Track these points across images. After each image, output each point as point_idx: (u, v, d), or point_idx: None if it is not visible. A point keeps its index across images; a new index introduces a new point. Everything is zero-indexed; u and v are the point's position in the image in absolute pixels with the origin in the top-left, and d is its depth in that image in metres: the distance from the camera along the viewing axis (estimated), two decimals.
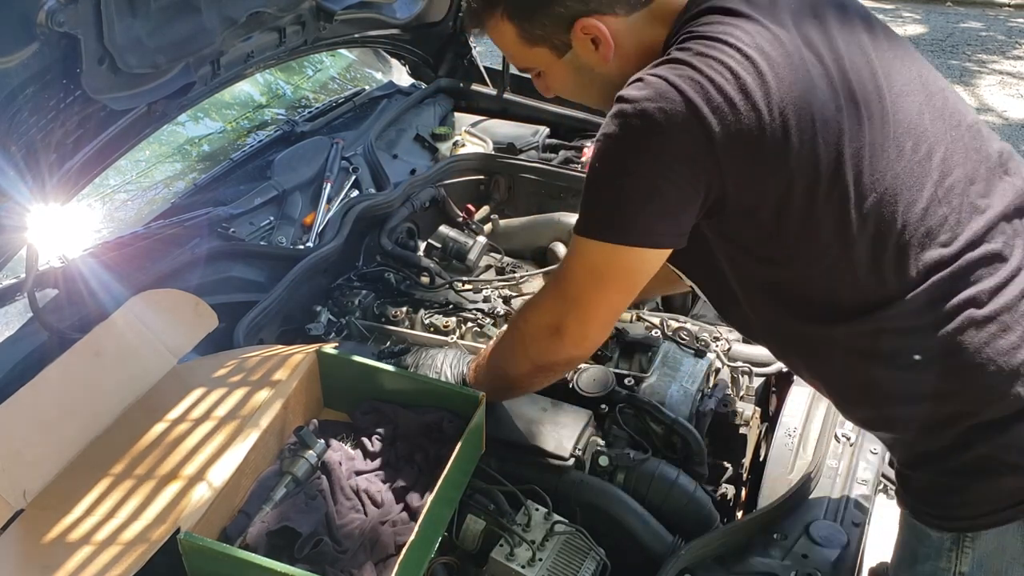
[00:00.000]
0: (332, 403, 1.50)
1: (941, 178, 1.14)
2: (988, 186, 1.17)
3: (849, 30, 1.19)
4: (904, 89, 1.18)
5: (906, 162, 1.13)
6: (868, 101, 1.13)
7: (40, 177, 1.45)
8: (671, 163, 1.09)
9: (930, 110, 1.18)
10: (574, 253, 1.23)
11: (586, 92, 1.33)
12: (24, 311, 1.60)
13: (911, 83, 1.19)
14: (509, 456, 1.49)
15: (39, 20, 1.26)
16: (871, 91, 1.14)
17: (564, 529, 1.35)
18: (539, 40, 1.24)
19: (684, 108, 1.06)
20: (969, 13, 7.62)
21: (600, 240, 1.17)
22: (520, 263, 2.19)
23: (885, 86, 1.16)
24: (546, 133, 2.61)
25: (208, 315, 1.60)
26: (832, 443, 1.60)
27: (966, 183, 1.16)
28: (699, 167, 1.09)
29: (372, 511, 1.32)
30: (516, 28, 1.24)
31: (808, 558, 1.36)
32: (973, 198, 1.15)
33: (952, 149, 1.17)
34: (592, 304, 1.24)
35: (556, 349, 1.29)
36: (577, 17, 1.20)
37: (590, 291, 1.23)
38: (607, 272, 1.20)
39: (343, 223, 2.05)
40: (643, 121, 1.08)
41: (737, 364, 1.81)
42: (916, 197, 1.12)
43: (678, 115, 1.06)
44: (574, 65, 1.26)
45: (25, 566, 1.21)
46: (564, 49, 1.24)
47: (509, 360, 1.41)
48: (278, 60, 2.20)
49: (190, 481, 1.23)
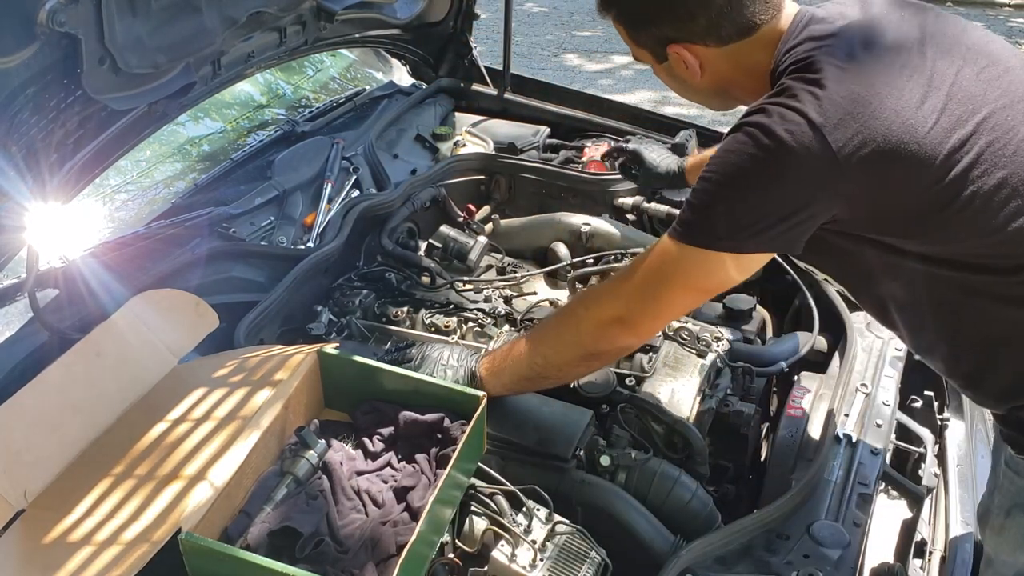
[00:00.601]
0: (333, 403, 1.50)
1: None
2: None
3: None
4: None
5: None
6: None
7: (40, 177, 1.45)
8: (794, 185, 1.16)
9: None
10: (668, 255, 1.27)
11: (687, 93, 1.44)
12: (24, 311, 1.60)
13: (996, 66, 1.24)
14: (510, 456, 1.49)
15: (40, 20, 1.26)
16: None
17: (565, 530, 1.35)
18: (643, 45, 1.38)
19: (809, 130, 1.12)
20: (969, 13, 7.61)
21: (704, 247, 1.22)
22: (521, 263, 2.19)
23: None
24: (547, 133, 2.61)
25: (209, 315, 1.60)
26: (833, 443, 1.60)
27: None
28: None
29: (373, 511, 1.31)
30: (625, 31, 1.38)
31: (809, 558, 1.36)
32: None
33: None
34: (669, 304, 1.33)
35: (614, 337, 1.37)
36: (670, 42, 1.32)
37: (674, 291, 1.30)
38: (700, 277, 1.28)
39: (344, 223, 2.05)
40: (770, 141, 1.14)
41: (738, 364, 1.81)
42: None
43: (805, 136, 1.13)
44: (671, 74, 1.39)
45: (26, 566, 1.20)
46: (662, 59, 1.37)
47: (558, 345, 1.44)
48: (279, 60, 2.20)
49: (191, 481, 1.23)
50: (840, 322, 1.92)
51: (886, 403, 1.73)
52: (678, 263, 1.26)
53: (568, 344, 1.42)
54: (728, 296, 2.04)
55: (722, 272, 1.26)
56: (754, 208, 1.17)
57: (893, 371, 1.81)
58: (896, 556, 1.75)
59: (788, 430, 1.69)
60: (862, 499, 1.49)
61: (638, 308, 1.33)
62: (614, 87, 6.11)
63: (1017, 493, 1.34)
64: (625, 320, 1.34)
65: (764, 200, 1.17)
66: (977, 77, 1.20)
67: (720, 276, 1.27)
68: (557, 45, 7.06)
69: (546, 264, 2.16)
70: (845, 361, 1.81)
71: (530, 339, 1.47)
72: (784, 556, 1.37)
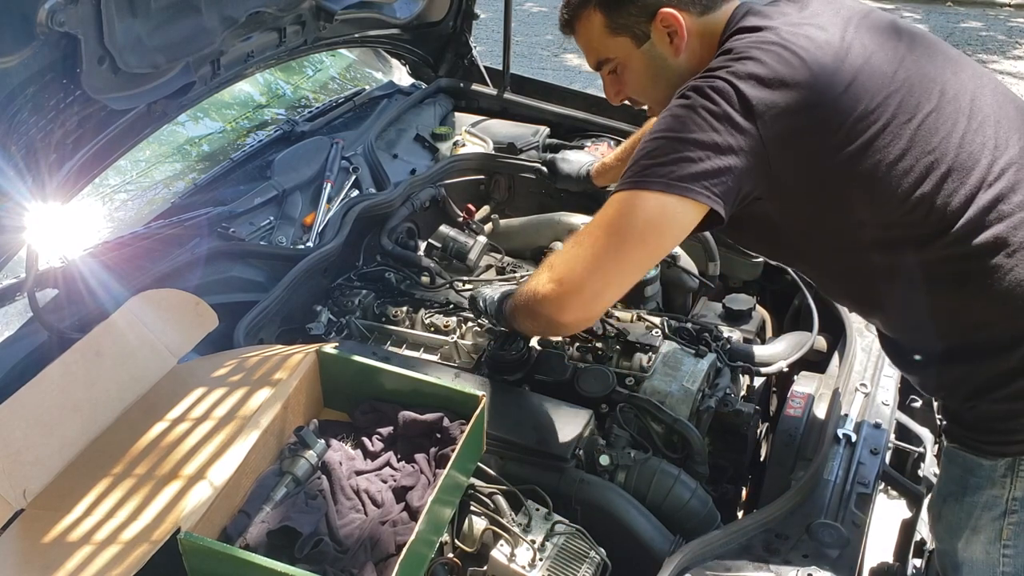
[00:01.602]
0: (332, 403, 1.50)
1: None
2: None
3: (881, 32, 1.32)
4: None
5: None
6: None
7: (40, 177, 1.45)
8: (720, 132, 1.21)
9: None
10: (623, 205, 1.26)
11: (654, 85, 1.45)
12: (24, 311, 1.60)
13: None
14: (509, 456, 1.49)
15: (39, 20, 1.26)
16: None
17: (565, 529, 1.35)
18: (622, 29, 1.40)
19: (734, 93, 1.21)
20: (969, 13, 7.62)
21: (654, 191, 1.22)
22: (520, 263, 2.19)
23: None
24: (546, 133, 2.61)
25: (208, 315, 1.60)
26: (833, 443, 1.60)
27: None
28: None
29: (372, 511, 1.32)
30: (604, 18, 1.40)
31: (809, 558, 1.36)
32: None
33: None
34: (616, 260, 1.28)
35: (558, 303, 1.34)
36: (660, 6, 1.36)
37: (628, 243, 1.26)
38: (660, 224, 1.24)
39: (343, 223, 2.05)
40: (702, 97, 1.22)
41: (737, 364, 1.81)
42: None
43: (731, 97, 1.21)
44: (650, 55, 1.41)
45: (25, 566, 1.20)
46: (643, 39, 1.40)
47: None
48: (278, 60, 2.20)
49: (190, 481, 1.23)
50: (839, 322, 1.92)
51: (885, 403, 1.73)
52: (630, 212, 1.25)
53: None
54: (728, 296, 2.04)
55: (674, 216, 1.23)
56: (686, 150, 1.21)
57: (892, 371, 1.80)
58: (895, 556, 1.75)
59: (787, 430, 1.69)
60: (861, 499, 1.49)
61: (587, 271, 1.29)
62: None
63: (950, 481, 1.39)
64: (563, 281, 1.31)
65: (696, 143, 1.21)
66: (891, 58, 1.27)
67: (672, 221, 1.24)
68: (557, 45, 7.06)
69: None
70: (844, 361, 1.81)
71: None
72: (783, 556, 1.37)
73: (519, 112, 2.73)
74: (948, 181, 1.22)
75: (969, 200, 1.21)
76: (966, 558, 1.38)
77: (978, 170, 1.23)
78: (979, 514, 1.34)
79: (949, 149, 1.23)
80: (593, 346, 1.77)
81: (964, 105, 1.27)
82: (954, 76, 1.30)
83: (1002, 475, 1.30)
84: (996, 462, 1.30)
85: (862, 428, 1.64)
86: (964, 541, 1.37)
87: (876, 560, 1.68)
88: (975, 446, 1.33)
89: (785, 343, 1.93)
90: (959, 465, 1.36)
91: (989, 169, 1.23)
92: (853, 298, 1.47)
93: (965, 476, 1.35)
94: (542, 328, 1.50)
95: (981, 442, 1.32)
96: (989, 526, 1.33)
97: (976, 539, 1.35)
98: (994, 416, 1.29)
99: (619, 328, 1.77)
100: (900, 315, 1.36)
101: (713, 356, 1.77)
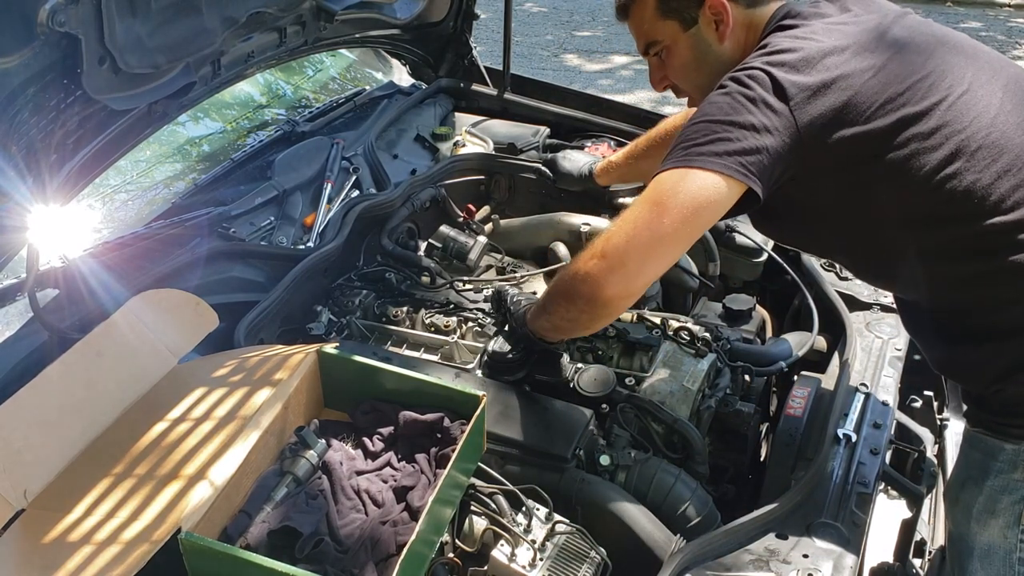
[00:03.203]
0: (333, 403, 1.50)
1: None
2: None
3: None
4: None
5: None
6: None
7: (40, 177, 1.45)
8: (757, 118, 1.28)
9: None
10: (664, 183, 1.30)
11: (697, 70, 1.49)
12: (24, 311, 1.60)
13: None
14: (510, 456, 1.49)
15: (40, 20, 1.26)
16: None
17: (565, 529, 1.35)
18: (672, 12, 1.45)
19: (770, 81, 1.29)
20: (969, 13, 7.62)
21: (694, 168, 1.27)
22: (520, 263, 2.20)
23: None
24: (546, 133, 2.61)
25: (209, 315, 1.60)
26: (833, 443, 1.60)
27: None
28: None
29: (373, 511, 1.32)
30: (656, 1, 1.46)
31: (809, 558, 1.36)
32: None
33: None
34: (660, 236, 1.30)
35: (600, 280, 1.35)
36: None
37: (673, 217, 1.29)
38: (699, 200, 1.28)
39: (343, 223, 2.05)
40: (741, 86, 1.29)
41: (737, 364, 1.81)
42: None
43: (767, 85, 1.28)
44: (696, 39, 1.46)
45: (26, 566, 1.21)
46: (691, 23, 1.45)
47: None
48: (279, 60, 2.20)
49: (191, 481, 1.23)
50: (839, 322, 1.92)
51: (885, 403, 1.73)
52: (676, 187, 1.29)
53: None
54: (728, 296, 2.04)
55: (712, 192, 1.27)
56: (723, 131, 1.27)
57: (892, 371, 1.81)
58: (896, 556, 1.75)
59: (788, 430, 1.69)
60: (861, 499, 1.49)
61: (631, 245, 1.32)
62: (614, 87, 6.11)
63: (970, 466, 1.41)
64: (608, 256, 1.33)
65: (733, 124, 1.27)
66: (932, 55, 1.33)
67: (711, 198, 1.27)
68: (557, 45, 7.06)
69: (546, 264, 2.16)
70: (844, 361, 1.81)
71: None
72: (783, 556, 1.37)
73: (519, 112, 2.73)
74: (975, 160, 1.25)
75: (999, 177, 1.25)
76: (982, 542, 1.40)
77: (1011, 149, 1.26)
78: (999, 498, 1.36)
79: (980, 129, 1.26)
80: (593, 346, 1.77)
81: (996, 88, 1.31)
82: (988, 64, 1.35)
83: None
84: (1020, 445, 1.32)
85: (862, 428, 1.64)
86: (982, 525, 1.39)
87: (876, 560, 1.68)
88: (1000, 430, 1.35)
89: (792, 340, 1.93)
90: (980, 450, 1.38)
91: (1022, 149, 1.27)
92: (884, 277, 1.49)
93: (987, 460, 1.36)
94: (578, 311, 1.43)
95: (1007, 425, 1.34)
96: (1009, 510, 1.35)
97: (995, 523, 1.37)
98: (1022, 398, 1.31)
99: (619, 328, 1.77)
100: (925, 293, 1.38)
101: (713, 356, 1.77)
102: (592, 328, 1.52)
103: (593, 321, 1.45)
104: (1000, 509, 1.36)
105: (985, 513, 1.38)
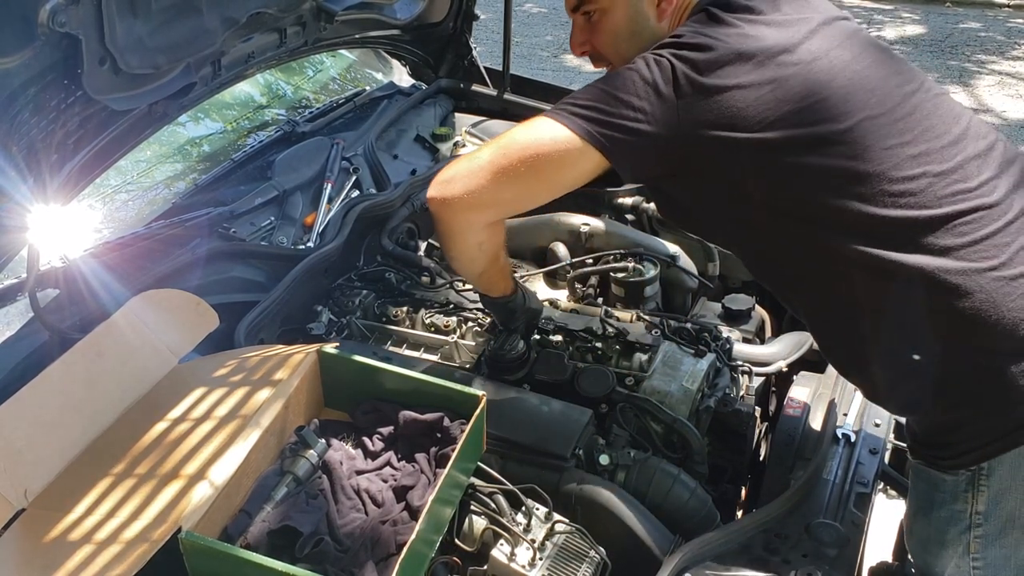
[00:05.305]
0: (333, 403, 1.51)
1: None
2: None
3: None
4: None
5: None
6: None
7: (41, 177, 1.45)
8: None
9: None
10: (527, 125, 1.31)
11: (627, 42, 1.44)
12: (25, 311, 1.60)
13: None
14: (510, 455, 1.50)
15: (40, 20, 1.26)
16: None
17: (564, 529, 1.36)
18: None
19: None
20: (968, 13, 7.62)
21: (558, 121, 1.27)
22: (520, 263, 2.20)
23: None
24: None
25: (209, 315, 1.60)
26: (832, 442, 1.60)
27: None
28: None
29: (373, 510, 1.32)
30: None
31: (808, 557, 1.36)
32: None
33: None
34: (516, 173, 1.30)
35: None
36: None
37: (522, 158, 1.29)
38: (551, 151, 1.28)
39: (344, 223, 2.05)
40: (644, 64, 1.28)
41: (737, 364, 1.82)
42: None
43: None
44: (635, 10, 1.42)
45: (26, 566, 1.21)
46: None
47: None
48: (279, 61, 2.21)
49: (191, 480, 1.23)
50: None
51: None
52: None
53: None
54: (727, 296, 2.04)
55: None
56: (604, 101, 1.27)
57: None
58: (895, 555, 1.75)
59: (787, 430, 1.69)
60: (860, 498, 1.49)
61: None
62: None
63: (918, 497, 1.38)
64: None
65: (616, 99, 1.26)
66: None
67: (563, 155, 1.28)
68: (557, 46, 7.06)
69: (545, 264, 2.16)
70: None
71: None
72: (783, 556, 1.37)
73: (519, 113, 2.73)
74: (855, 185, 1.22)
75: (875, 198, 1.22)
76: (938, 572, 1.37)
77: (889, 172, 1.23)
78: (946, 529, 1.32)
79: (873, 157, 1.22)
80: (593, 346, 1.77)
81: (902, 114, 1.27)
82: (898, 88, 1.29)
83: (964, 489, 1.28)
84: (957, 477, 1.28)
85: (861, 428, 1.64)
86: (935, 556, 1.36)
87: (875, 560, 1.68)
88: (933, 462, 1.32)
89: (784, 343, 1.93)
90: (925, 480, 1.35)
91: (898, 167, 1.23)
92: (769, 282, 1.49)
93: (931, 492, 1.33)
94: (441, 236, 1.48)
95: (938, 457, 1.30)
96: (957, 540, 1.31)
97: (946, 554, 1.34)
98: (942, 428, 1.28)
99: (619, 328, 1.77)
100: (810, 314, 1.39)
101: (712, 356, 1.77)
102: (458, 250, 1.49)
103: (451, 241, 1.46)
104: (948, 540, 1.33)
105: (935, 544, 1.35)
